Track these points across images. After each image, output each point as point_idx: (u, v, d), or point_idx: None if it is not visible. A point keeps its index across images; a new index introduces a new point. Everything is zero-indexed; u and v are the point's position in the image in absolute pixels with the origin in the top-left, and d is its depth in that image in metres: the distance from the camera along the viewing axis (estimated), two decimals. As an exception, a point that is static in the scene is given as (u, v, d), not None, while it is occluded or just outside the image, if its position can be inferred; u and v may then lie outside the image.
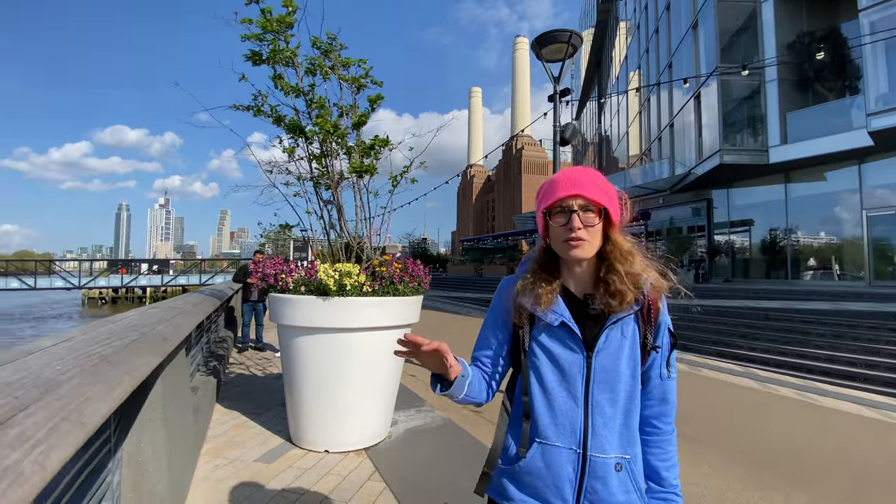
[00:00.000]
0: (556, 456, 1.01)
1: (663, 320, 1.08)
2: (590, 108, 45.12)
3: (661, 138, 21.25)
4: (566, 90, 5.14)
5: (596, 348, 1.02)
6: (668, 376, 1.09)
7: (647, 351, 1.05)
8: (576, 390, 1.02)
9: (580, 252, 1.01)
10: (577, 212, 1.00)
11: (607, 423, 1.01)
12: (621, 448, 1.02)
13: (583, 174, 1.05)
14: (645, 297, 1.04)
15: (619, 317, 1.02)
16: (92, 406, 1.09)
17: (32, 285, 32.01)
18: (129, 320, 2.16)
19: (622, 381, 1.02)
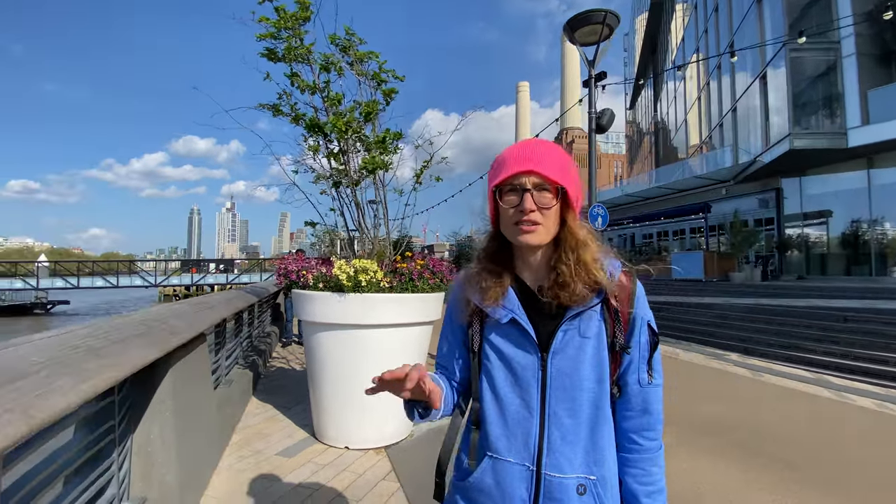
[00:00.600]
0: (508, 473, 0.87)
1: (637, 315, 0.92)
2: (645, 96, 42.88)
3: (724, 124, 19.72)
4: (602, 74, 4.82)
5: (552, 349, 0.87)
6: (650, 382, 0.92)
7: (618, 352, 0.90)
8: (530, 398, 0.88)
9: (532, 238, 0.87)
10: (530, 191, 0.85)
11: (566, 436, 0.86)
12: (585, 467, 0.86)
13: (540, 147, 0.90)
14: (607, 290, 0.89)
15: (576, 311, 0.87)
16: (51, 399, 1.09)
17: (115, 284, 35.34)
18: (145, 314, 2.24)
19: (584, 388, 0.87)
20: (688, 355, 7.91)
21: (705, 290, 13.62)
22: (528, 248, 0.91)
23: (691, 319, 10.93)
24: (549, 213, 0.87)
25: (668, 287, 14.96)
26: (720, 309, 10.88)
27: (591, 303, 0.88)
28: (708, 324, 10.40)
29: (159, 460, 2.05)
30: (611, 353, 0.89)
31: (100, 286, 35.25)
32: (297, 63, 3.06)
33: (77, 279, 34.33)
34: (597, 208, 4.74)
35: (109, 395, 1.79)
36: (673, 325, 10.91)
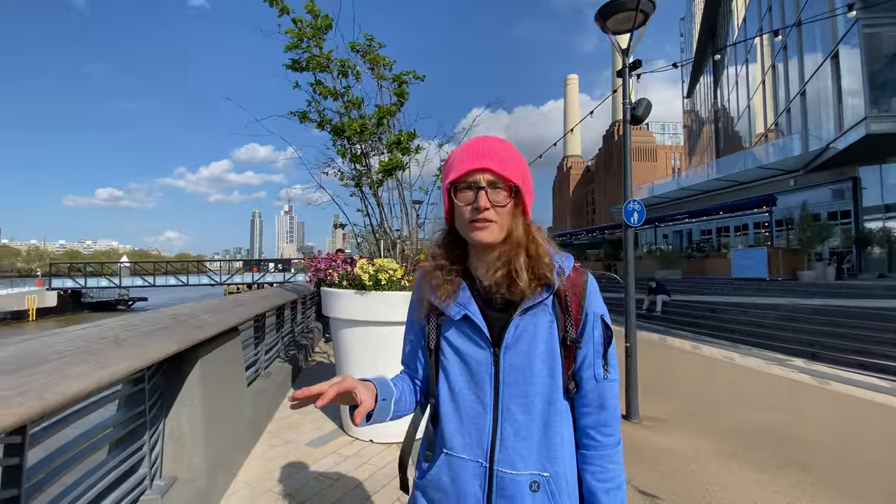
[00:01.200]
0: (462, 470, 0.88)
1: (590, 310, 0.92)
2: (704, 82, 40.29)
3: (791, 110, 18.10)
4: (636, 62, 4.61)
5: (503, 344, 0.88)
6: (606, 377, 0.92)
7: (570, 347, 0.90)
8: (483, 394, 0.89)
9: (486, 235, 0.87)
10: (484, 188, 0.86)
11: (519, 432, 0.87)
12: (538, 464, 0.87)
13: (495, 144, 0.90)
14: (558, 285, 0.89)
15: (527, 306, 0.88)
16: (65, 384, 1.23)
17: (186, 282, 38.28)
18: (178, 310, 2.44)
19: (537, 383, 0.87)
20: (745, 360, 7.38)
21: (769, 290, 12.60)
22: (481, 246, 0.92)
23: (751, 321, 10.16)
24: (502, 211, 0.88)
25: (728, 286, 13.98)
26: (785, 310, 10.03)
27: (541, 297, 0.88)
28: (771, 326, 9.63)
29: (188, 444, 2.23)
30: (563, 348, 0.89)
31: (172, 284, 38.34)
32: (320, 71, 3.19)
33: (153, 278, 37.57)
34: (632, 204, 4.54)
35: (140, 382, 1.97)
36: (730, 327, 10.21)
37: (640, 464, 3.36)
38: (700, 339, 9.50)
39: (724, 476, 3.22)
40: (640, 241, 30.65)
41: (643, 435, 3.97)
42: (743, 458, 3.55)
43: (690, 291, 14.56)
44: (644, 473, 3.22)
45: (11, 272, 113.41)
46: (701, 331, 10.47)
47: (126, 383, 1.94)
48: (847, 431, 4.15)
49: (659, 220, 25.40)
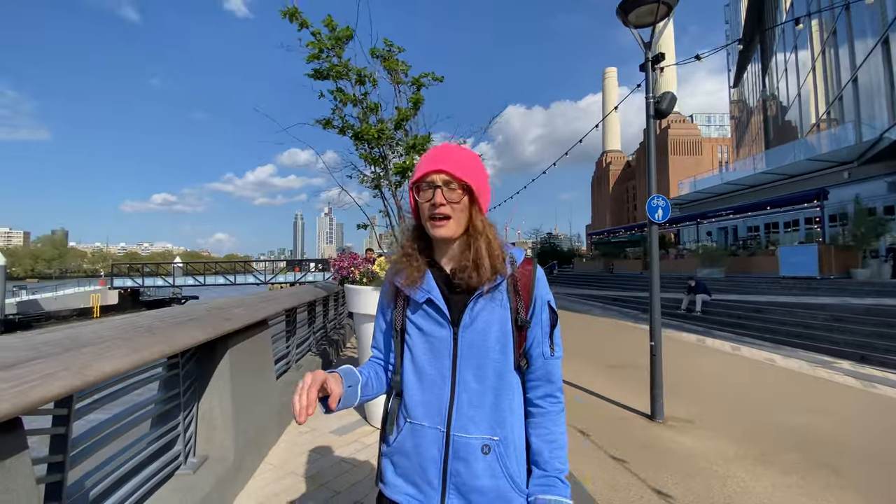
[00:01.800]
0: (423, 436, 0.99)
1: (538, 295, 1.04)
2: (752, 71, 38.17)
3: (843, 98, 16.87)
4: (659, 56, 4.52)
5: (461, 324, 1.00)
6: (552, 355, 1.05)
7: (521, 328, 1.01)
8: (443, 368, 1.00)
9: (444, 231, 1.00)
10: (440, 187, 0.98)
11: (472, 400, 0.98)
12: (489, 429, 0.98)
13: (451, 150, 1.04)
14: (511, 272, 1.02)
15: (483, 290, 0.99)
16: (101, 363, 1.43)
17: (233, 281, 40.25)
18: (213, 304, 2.67)
19: (490, 358, 0.99)
20: (786, 362, 7.03)
21: (819, 289, 11.83)
22: (441, 240, 1.03)
23: (798, 322, 9.61)
24: (457, 208, 1.00)
25: (775, 285, 13.23)
26: (834, 310, 9.42)
27: (496, 282, 1.00)
28: (819, 327, 9.07)
29: (219, 426, 2.45)
30: (515, 329, 1.01)
31: (221, 283, 40.42)
32: (340, 79, 3.37)
33: (204, 278, 39.75)
34: (656, 199, 4.46)
35: (175, 367, 2.19)
36: (775, 328, 9.70)
37: (661, 464, 3.33)
38: (742, 340, 9.10)
39: (749, 478, 3.15)
40: (682, 238, 29.44)
41: (668, 435, 3.91)
42: (771, 460, 3.44)
43: (733, 291, 13.90)
44: (664, 473, 3.19)
45: (78, 272, 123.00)
46: (743, 332, 10.00)
47: (163, 367, 2.16)
48: (888, 436, 3.92)
49: (701, 216, 24.33)
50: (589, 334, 9.90)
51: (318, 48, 3.23)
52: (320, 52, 3.25)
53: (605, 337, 9.53)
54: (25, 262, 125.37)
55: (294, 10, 3.17)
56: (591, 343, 8.76)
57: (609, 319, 12.18)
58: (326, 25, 3.19)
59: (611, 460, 3.40)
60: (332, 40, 3.23)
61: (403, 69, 3.39)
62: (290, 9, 3.19)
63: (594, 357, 7.29)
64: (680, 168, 78.81)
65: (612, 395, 5.02)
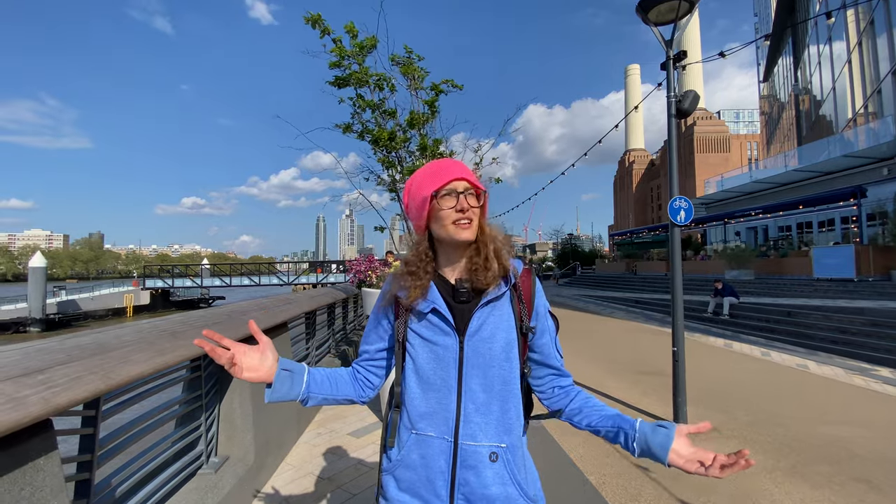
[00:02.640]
0: (429, 447, 0.99)
1: (540, 302, 1.09)
2: (783, 64, 36.84)
3: (882, 91, 16.07)
4: (682, 54, 4.41)
5: (468, 332, 1.00)
6: (561, 357, 1.13)
7: (525, 335, 1.04)
8: (449, 377, 1.00)
9: (469, 233, 1.01)
10: (463, 194, 1.01)
11: (479, 409, 0.98)
12: (497, 437, 0.98)
13: (457, 162, 1.08)
14: (514, 279, 1.05)
15: (489, 298, 1.01)
16: (127, 367, 1.48)
17: (258, 282, 41.22)
18: (234, 307, 2.74)
19: (496, 366, 1.00)
20: (821, 369, 6.74)
21: (857, 292, 11.31)
22: (458, 245, 1.03)
23: (834, 327, 9.20)
24: (477, 212, 1.03)
25: (809, 287, 12.72)
26: (873, 314, 8.98)
27: (500, 290, 1.02)
28: (857, 332, 8.67)
29: (240, 427, 2.51)
30: (521, 336, 1.04)
31: (246, 284, 41.46)
32: (360, 87, 3.42)
33: (230, 279, 40.83)
34: (678, 201, 4.35)
35: (197, 370, 2.26)
36: (808, 332, 9.32)
37: (680, 472, 3.24)
38: (772, 345, 8.77)
39: (777, 491, 3.03)
40: (710, 238, 28.60)
41: (690, 443, 3.80)
42: (802, 472, 3.30)
43: (764, 293, 13.43)
44: (685, 484, 3.10)
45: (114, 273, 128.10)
46: (774, 336, 9.64)
47: (186, 370, 2.23)
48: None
49: (729, 215, 23.60)
50: (611, 338, 9.72)
51: (340, 55, 3.28)
52: (342, 60, 3.31)
53: (629, 341, 9.34)
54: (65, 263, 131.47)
55: (318, 17, 3.24)
56: (613, 348, 8.60)
57: (632, 323, 11.93)
58: (348, 32, 3.26)
59: (632, 468, 3.33)
60: (356, 47, 3.28)
61: (422, 75, 3.41)
62: (313, 16, 3.25)
63: (616, 362, 7.16)
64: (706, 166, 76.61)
65: (636, 402, 4.92)
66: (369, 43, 3.49)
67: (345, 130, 3.71)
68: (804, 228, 20.91)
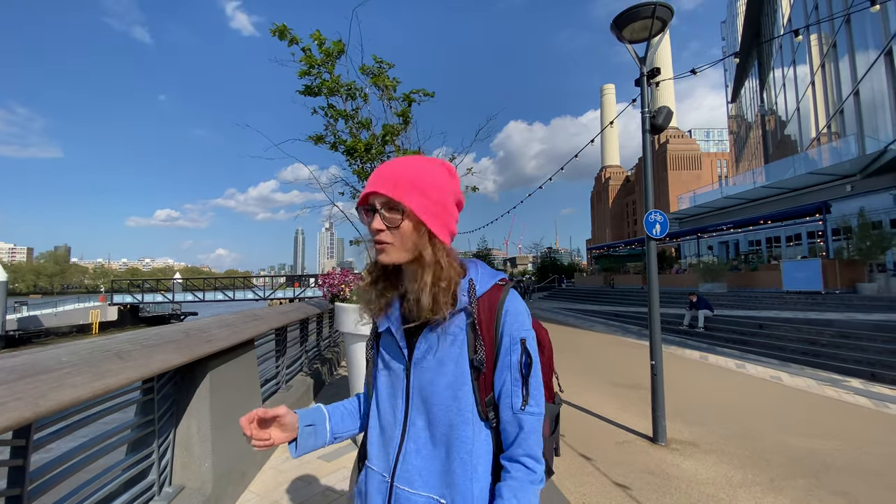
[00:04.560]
0: (371, 481, 0.90)
1: (507, 332, 0.86)
2: (749, 87, 38.58)
3: (844, 111, 16.93)
4: (654, 70, 4.51)
5: (414, 358, 0.88)
6: (523, 409, 0.85)
7: (480, 370, 0.85)
8: (397, 407, 0.90)
9: (385, 257, 0.85)
10: (379, 211, 0.84)
11: (421, 450, 0.86)
12: (438, 488, 0.84)
13: (395, 167, 0.87)
14: (465, 305, 0.86)
15: (435, 324, 0.85)
16: (61, 392, 1.34)
17: (232, 297, 40.12)
18: (192, 324, 2.58)
19: (437, 403, 0.84)
20: (794, 381, 6.86)
21: (824, 304, 11.67)
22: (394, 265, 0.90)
23: (804, 338, 9.43)
24: (397, 233, 0.84)
25: (779, 300, 13.08)
26: (841, 326, 9.25)
27: (443, 315, 0.84)
28: (827, 344, 8.90)
29: (197, 453, 2.34)
30: (475, 371, 0.85)
31: (220, 299, 40.28)
32: (331, 95, 3.35)
33: (203, 293, 39.62)
34: (654, 214, 4.39)
35: (149, 392, 2.09)
36: (780, 344, 9.53)
37: (665, 491, 3.19)
38: (746, 357, 8.92)
39: None
40: (683, 252, 29.33)
41: (669, 459, 3.76)
42: (780, 487, 3.29)
43: (737, 306, 13.73)
44: (665, 501, 3.04)
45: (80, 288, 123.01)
46: (748, 348, 9.82)
47: (139, 392, 2.06)
48: (903, 461, 3.75)
49: (702, 230, 24.25)
50: (590, 352, 9.73)
51: (309, 64, 3.22)
52: (311, 69, 3.24)
53: (607, 354, 9.36)
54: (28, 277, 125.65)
55: (283, 27, 3.17)
56: (592, 361, 8.60)
57: (611, 336, 12.00)
58: (314, 39, 3.19)
59: (612, 486, 3.26)
60: (323, 54, 3.22)
61: (392, 85, 3.37)
62: (279, 27, 3.18)
63: (596, 375, 7.13)
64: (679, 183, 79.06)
65: (614, 417, 4.87)
66: (336, 48, 3.43)
67: (316, 141, 3.62)
68: (773, 243, 21.63)
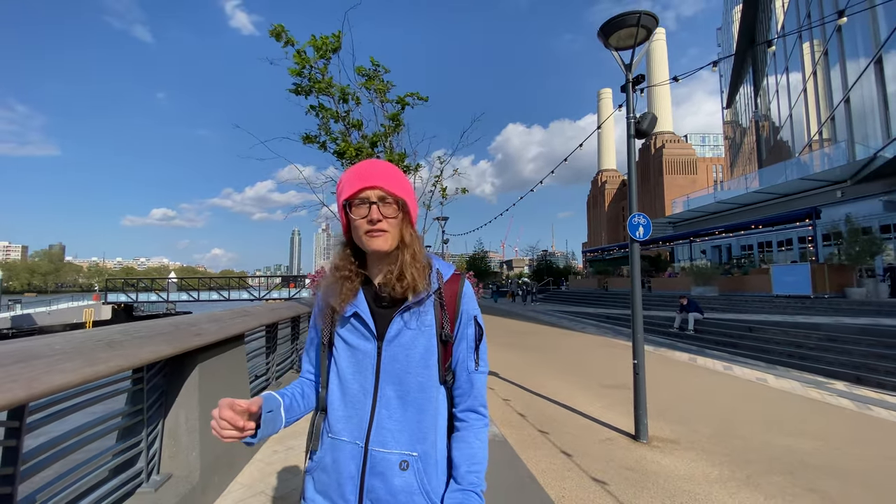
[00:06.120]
0: (342, 451, 0.98)
1: (464, 310, 1.05)
2: (744, 93, 38.93)
3: (835, 118, 17.17)
4: (639, 77, 4.62)
5: (386, 338, 0.99)
6: (476, 370, 1.06)
7: (446, 342, 1.01)
8: (367, 381, 0.99)
9: (380, 244, 0.99)
10: (376, 203, 0.99)
11: (393, 415, 0.97)
12: (409, 444, 0.96)
13: (381, 166, 1.03)
14: (437, 287, 1.03)
15: (409, 304, 0.99)
16: (52, 377, 1.41)
17: (227, 297, 40.04)
18: (182, 319, 2.65)
19: (412, 373, 0.98)
20: (780, 382, 6.98)
21: (813, 308, 11.83)
22: (377, 253, 1.03)
23: (791, 341, 9.57)
24: (393, 222, 1.00)
25: (768, 304, 13.23)
26: (828, 330, 9.39)
27: (421, 296, 1.00)
28: (814, 347, 9.04)
29: (184, 443, 2.41)
30: (441, 343, 1.01)
31: (215, 299, 40.20)
32: (322, 95, 3.43)
33: (198, 293, 39.53)
34: (637, 217, 4.49)
35: (139, 382, 2.17)
36: (768, 347, 9.66)
37: (642, 486, 3.28)
38: (734, 359, 9.04)
39: (731, 501, 3.09)
40: (677, 256, 29.52)
41: (649, 456, 3.85)
42: (756, 483, 3.38)
43: (727, 309, 13.88)
44: (644, 495, 3.13)
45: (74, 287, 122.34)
46: (736, 351, 9.95)
47: (130, 381, 2.14)
48: (882, 461, 3.86)
49: (694, 234, 24.45)
50: (581, 353, 9.84)
51: (301, 64, 3.29)
52: (303, 69, 3.31)
53: (598, 356, 9.46)
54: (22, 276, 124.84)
55: (281, 28, 3.25)
56: (582, 362, 8.70)
57: (602, 338, 12.11)
58: (311, 45, 3.26)
59: (591, 482, 3.34)
60: (318, 51, 3.28)
61: (385, 88, 3.45)
62: (277, 27, 3.26)
63: (585, 376, 7.23)
64: (675, 187, 79.46)
65: (600, 416, 4.96)
66: (330, 46, 3.49)
67: (305, 141, 3.69)
68: (765, 247, 21.85)
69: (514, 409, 5.24)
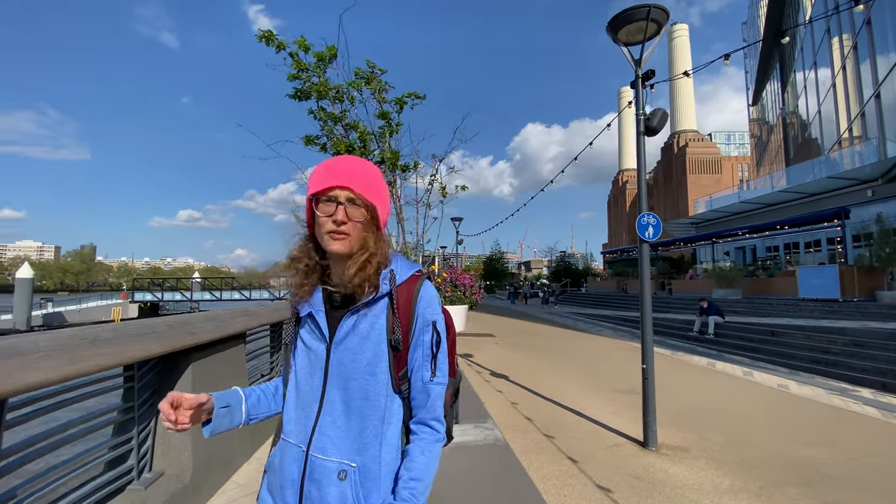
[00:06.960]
0: (288, 453, 0.96)
1: (420, 314, 0.98)
2: (771, 89, 37.72)
3: (865, 114, 16.43)
4: (649, 73, 4.48)
5: (335, 340, 0.96)
6: (432, 380, 0.99)
7: (396, 349, 0.96)
8: (315, 384, 0.97)
9: (341, 247, 0.94)
10: (343, 204, 0.94)
11: (336, 421, 0.94)
12: (349, 454, 0.92)
13: (357, 165, 0.98)
14: (388, 290, 0.97)
15: (358, 306, 0.95)
16: (29, 374, 1.43)
17: (248, 297, 40.87)
18: (178, 318, 2.68)
19: (357, 378, 0.94)
20: (802, 389, 6.70)
21: (840, 312, 11.34)
22: (336, 255, 0.98)
23: (816, 346, 9.19)
24: (358, 226, 0.95)
25: (793, 307, 12.74)
26: (854, 334, 8.98)
27: (369, 298, 0.95)
28: (839, 353, 8.66)
29: (176, 441, 2.43)
30: (392, 350, 0.96)
31: (237, 298, 41.09)
32: (320, 98, 3.43)
33: (220, 292, 40.47)
34: (646, 217, 4.37)
35: (130, 380, 2.19)
36: (791, 352, 9.29)
37: (648, 495, 3.17)
38: (755, 365, 8.74)
39: (741, 512, 2.96)
40: (699, 257, 28.76)
41: (657, 464, 3.73)
42: (769, 494, 3.24)
43: (750, 313, 13.43)
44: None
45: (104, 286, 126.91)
46: (758, 356, 9.61)
47: (120, 380, 2.16)
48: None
49: (717, 235, 23.77)
50: (595, 356, 9.65)
51: (298, 68, 3.31)
52: (300, 72, 3.33)
53: (612, 359, 9.27)
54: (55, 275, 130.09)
55: (269, 33, 3.27)
56: (595, 365, 8.53)
57: (618, 341, 11.86)
58: (299, 46, 3.27)
59: (594, 489, 3.25)
60: (316, 58, 3.30)
61: (384, 88, 3.44)
62: (265, 32, 3.28)
63: (597, 380, 7.09)
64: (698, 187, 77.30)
65: (609, 421, 4.84)
66: (329, 53, 3.51)
67: (307, 143, 3.71)
68: (791, 249, 21.07)
69: (522, 413, 5.16)
